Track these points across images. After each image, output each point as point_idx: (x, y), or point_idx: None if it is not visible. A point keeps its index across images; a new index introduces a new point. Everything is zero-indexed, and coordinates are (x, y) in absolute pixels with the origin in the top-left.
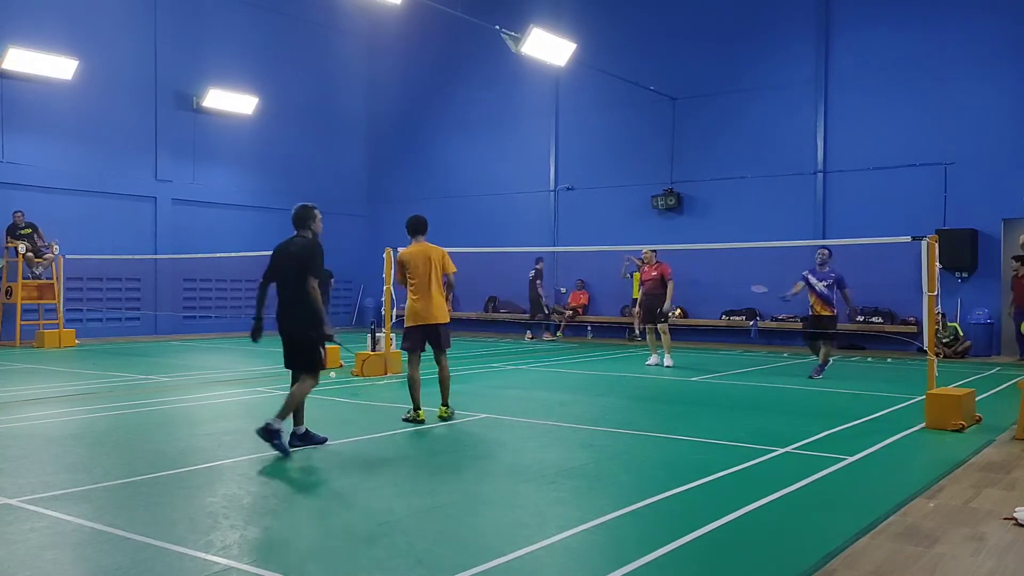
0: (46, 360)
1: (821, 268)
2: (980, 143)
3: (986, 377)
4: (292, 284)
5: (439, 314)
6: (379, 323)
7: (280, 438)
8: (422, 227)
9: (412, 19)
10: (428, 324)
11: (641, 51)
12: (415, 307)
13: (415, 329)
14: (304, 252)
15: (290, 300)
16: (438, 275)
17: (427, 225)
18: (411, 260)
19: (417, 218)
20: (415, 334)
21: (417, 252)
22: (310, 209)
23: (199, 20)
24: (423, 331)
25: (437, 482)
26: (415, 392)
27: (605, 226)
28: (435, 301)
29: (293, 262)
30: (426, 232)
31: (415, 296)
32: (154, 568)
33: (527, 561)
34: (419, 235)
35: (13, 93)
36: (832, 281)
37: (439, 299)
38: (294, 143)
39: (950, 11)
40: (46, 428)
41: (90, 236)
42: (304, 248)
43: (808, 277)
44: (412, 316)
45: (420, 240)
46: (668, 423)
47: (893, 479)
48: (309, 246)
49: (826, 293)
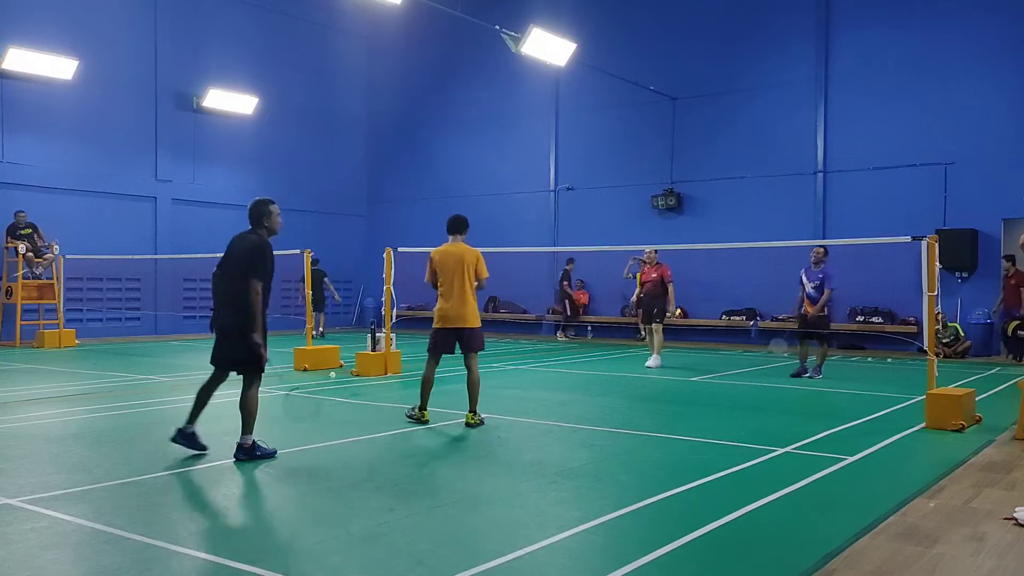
0: (46, 360)
1: (815, 267)
2: (980, 143)
3: (986, 377)
4: (231, 282)
5: (470, 318)
6: (379, 323)
7: (259, 447)
8: (458, 226)
9: (412, 19)
10: (457, 328)
11: (641, 51)
12: (444, 309)
13: (441, 332)
14: (249, 252)
15: (226, 300)
16: (471, 277)
17: (466, 224)
18: (441, 260)
19: (455, 217)
20: (441, 336)
21: (449, 252)
22: (265, 204)
23: (199, 20)
24: (450, 334)
25: (437, 482)
26: (425, 391)
27: (605, 226)
28: (467, 304)
29: (238, 259)
30: (464, 232)
31: (444, 298)
32: (154, 568)
33: (527, 561)
34: (455, 235)
35: (13, 93)
36: (820, 282)
37: (471, 302)
38: (294, 143)
39: (950, 11)
40: (46, 428)
41: (90, 236)
42: (251, 247)
43: (801, 276)
44: (440, 318)
45: (457, 240)
46: (668, 423)
47: (893, 479)
48: (256, 245)
49: (813, 295)
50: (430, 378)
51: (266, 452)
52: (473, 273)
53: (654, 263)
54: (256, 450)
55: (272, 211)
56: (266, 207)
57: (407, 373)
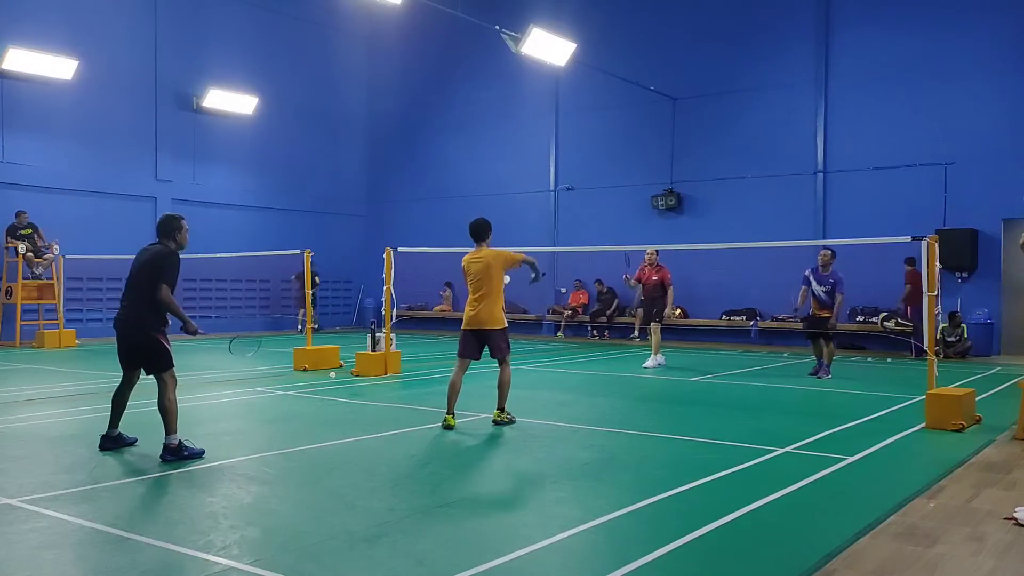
0: (46, 360)
1: (823, 270)
2: (980, 143)
3: (986, 377)
4: (137, 288)
5: (487, 319)
6: (379, 323)
7: (186, 447)
8: (478, 234)
9: (412, 19)
10: (479, 329)
11: (641, 51)
12: (468, 311)
13: (466, 333)
14: (155, 260)
15: (132, 303)
16: (497, 279)
17: (487, 229)
18: (467, 267)
19: (475, 224)
20: (466, 338)
21: (473, 259)
22: (176, 219)
23: (199, 20)
24: (474, 336)
25: (437, 482)
26: (449, 396)
27: (605, 226)
28: (487, 306)
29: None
30: (486, 238)
31: (470, 300)
32: (154, 568)
33: (527, 561)
34: (478, 241)
35: (13, 93)
36: (831, 287)
37: (492, 305)
38: (294, 143)
39: (950, 11)
40: (46, 428)
41: (90, 236)
42: (156, 256)
43: (809, 278)
44: (466, 320)
45: (481, 247)
46: (668, 423)
47: (893, 479)
48: (162, 253)
49: (825, 299)
50: (455, 383)
51: (192, 452)
52: (502, 271)
53: (654, 264)
54: (182, 451)
55: (183, 226)
56: (177, 221)
57: (407, 373)
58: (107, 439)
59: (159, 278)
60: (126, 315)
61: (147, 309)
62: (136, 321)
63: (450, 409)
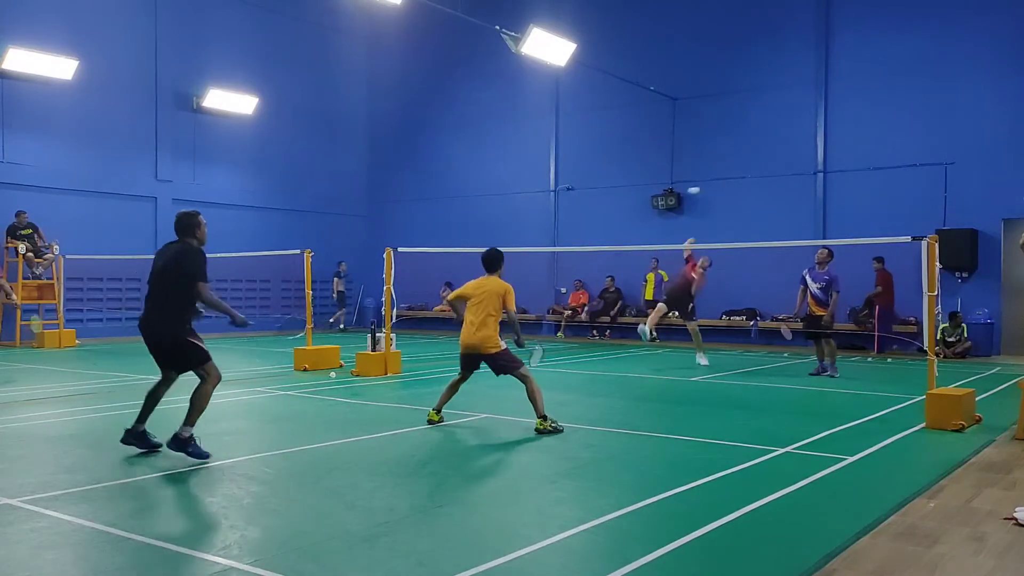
0: (46, 360)
1: (819, 268)
2: (980, 143)
3: (986, 377)
4: (161, 288)
5: (483, 344)
6: (379, 323)
7: (193, 445)
8: (491, 264)
9: (412, 19)
10: (475, 354)
11: (641, 51)
12: (463, 335)
13: (463, 356)
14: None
15: (156, 303)
16: (497, 307)
17: (500, 261)
18: (474, 292)
19: (488, 255)
20: (463, 358)
21: (482, 285)
22: (193, 216)
23: (199, 20)
24: (469, 358)
25: (437, 482)
26: (443, 395)
27: (605, 226)
28: (482, 332)
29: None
30: (498, 269)
31: (467, 321)
32: (154, 568)
33: (527, 561)
34: (489, 271)
35: (13, 93)
36: (826, 284)
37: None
38: (294, 143)
39: (950, 11)
40: (46, 428)
41: (90, 236)
42: (182, 255)
43: (806, 276)
44: (461, 342)
45: (491, 276)
46: (668, 423)
47: (893, 479)
48: (188, 252)
49: (820, 296)
50: (454, 384)
51: (196, 453)
52: (500, 303)
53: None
54: (188, 446)
55: (201, 222)
56: (195, 218)
57: (407, 373)
58: (131, 434)
59: (194, 277)
60: (149, 316)
61: (170, 310)
62: (159, 322)
63: (439, 407)
